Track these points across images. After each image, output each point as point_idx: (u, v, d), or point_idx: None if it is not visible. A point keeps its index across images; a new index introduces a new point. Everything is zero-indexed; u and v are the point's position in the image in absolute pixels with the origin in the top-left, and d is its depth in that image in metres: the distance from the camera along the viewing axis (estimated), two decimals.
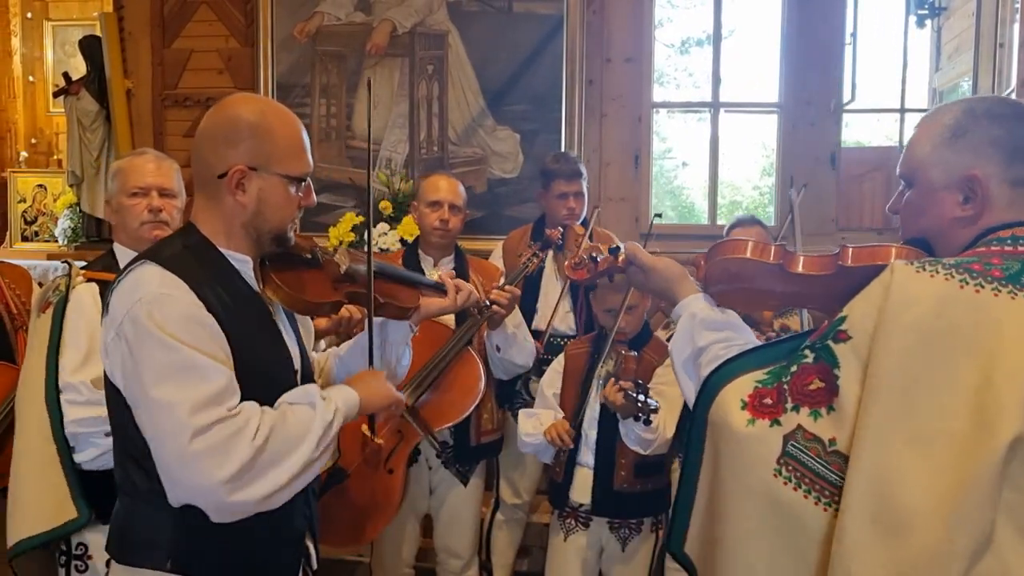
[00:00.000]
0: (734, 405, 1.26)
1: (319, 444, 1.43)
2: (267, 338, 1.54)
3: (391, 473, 2.59)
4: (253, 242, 1.53)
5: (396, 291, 1.77)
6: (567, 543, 2.55)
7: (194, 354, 1.35)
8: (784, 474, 1.19)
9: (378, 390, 1.62)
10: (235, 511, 1.37)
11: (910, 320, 1.13)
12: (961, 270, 1.15)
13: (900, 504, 1.08)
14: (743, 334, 1.48)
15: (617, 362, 2.30)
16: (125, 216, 2.19)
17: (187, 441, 1.31)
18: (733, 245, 1.48)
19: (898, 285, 1.16)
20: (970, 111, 1.28)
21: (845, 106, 4.39)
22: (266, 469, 1.36)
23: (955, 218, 1.28)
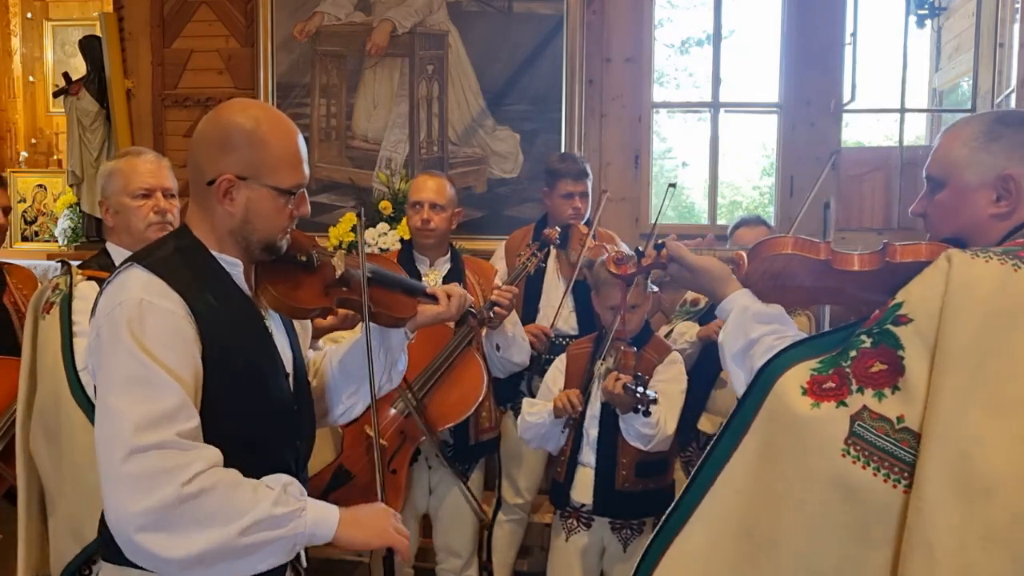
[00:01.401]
0: (794, 392, 1.31)
1: (248, 531, 1.29)
2: (256, 342, 1.52)
3: (394, 473, 2.59)
4: (243, 249, 1.52)
5: (391, 299, 1.74)
6: (568, 543, 2.55)
7: (156, 368, 1.31)
8: (852, 453, 1.25)
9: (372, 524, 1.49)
10: (139, 555, 1.28)
11: (976, 299, 1.21)
12: (1011, 256, 1.25)
13: (982, 471, 1.15)
14: (790, 327, 1.55)
15: (616, 358, 2.30)
16: (130, 217, 2.18)
17: (122, 457, 1.26)
18: (778, 242, 1.54)
19: (959, 269, 1.24)
20: (1003, 118, 1.41)
21: (845, 106, 4.38)
22: (182, 526, 1.25)
23: (990, 215, 1.39)
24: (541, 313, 3.23)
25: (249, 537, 1.30)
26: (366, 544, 1.50)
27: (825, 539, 1.26)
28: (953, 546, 1.15)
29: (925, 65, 5.11)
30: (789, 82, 4.32)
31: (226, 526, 1.28)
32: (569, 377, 2.58)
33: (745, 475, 1.35)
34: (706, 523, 1.39)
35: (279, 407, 1.55)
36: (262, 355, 1.53)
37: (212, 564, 1.29)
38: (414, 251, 2.93)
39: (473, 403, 2.62)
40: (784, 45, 4.33)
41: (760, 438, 1.35)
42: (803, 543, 1.28)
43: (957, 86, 4.91)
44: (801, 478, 1.28)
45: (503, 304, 2.55)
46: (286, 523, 1.35)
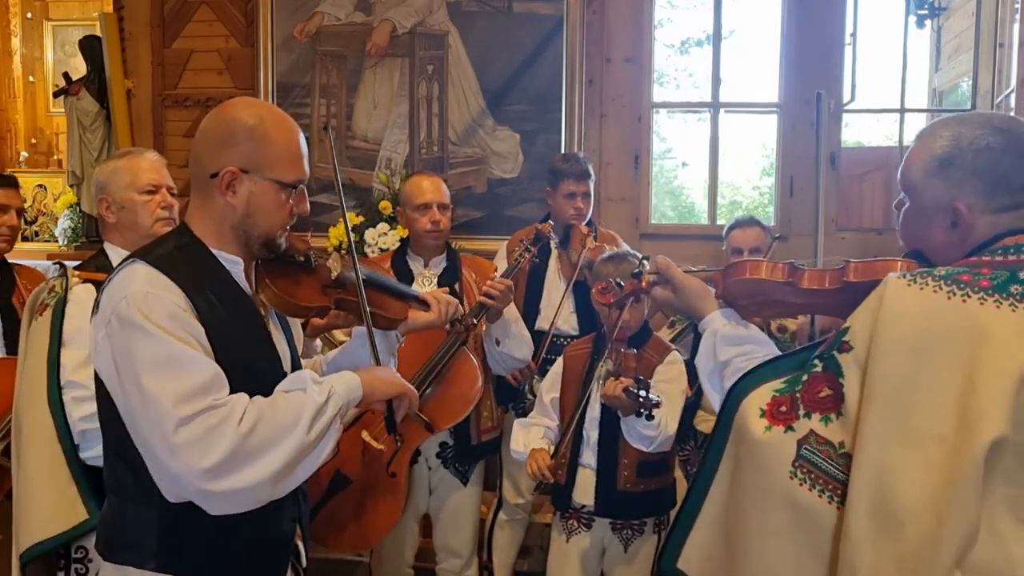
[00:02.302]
0: (754, 413, 1.35)
1: (311, 427, 1.39)
2: (255, 339, 1.55)
3: (393, 477, 2.60)
4: (243, 245, 1.54)
5: (384, 301, 1.79)
6: (569, 544, 2.55)
7: (181, 346, 1.36)
8: (799, 475, 1.29)
9: (384, 377, 1.59)
10: (225, 500, 1.35)
11: (900, 332, 1.21)
12: (950, 281, 1.22)
13: (897, 502, 1.17)
14: (764, 346, 1.58)
15: (616, 361, 2.30)
16: (137, 213, 2.19)
17: (171, 431, 1.30)
18: (745, 267, 1.59)
19: (889, 298, 1.24)
20: (957, 141, 1.34)
21: (845, 106, 4.38)
22: (255, 456, 1.34)
23: (941, 241, 1.36)
24: (542, 313, 3.23)
25: (313, 431, 1.40)
26: (386, 393, 1.58)
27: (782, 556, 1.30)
28: (870, 571, 1.18)
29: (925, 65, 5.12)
30: (789, 82, 4.32)
31: (292, 433, 1.38)
32: (567, 379, 2.58)
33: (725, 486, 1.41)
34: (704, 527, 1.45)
35: None
36: (261, 352, 1.55)
37: (294, 468, 1.38)
38: (409, 252, 2.91)
39: (470, 403, 2.62)
40: (784, 45, 4.33)
41: (730, 457, 1.41)
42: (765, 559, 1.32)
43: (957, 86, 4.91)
44: (759, 497, 1.33)
45: (494, 295, 2.55)
46: (330, 404, 1.44)
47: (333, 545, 2.64)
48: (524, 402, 3.17)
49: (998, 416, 1.13)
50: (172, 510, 1.41)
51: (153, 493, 1.41)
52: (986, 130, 1.33)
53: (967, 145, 1.33)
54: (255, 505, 1.39)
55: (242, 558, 1.52)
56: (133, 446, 1.39)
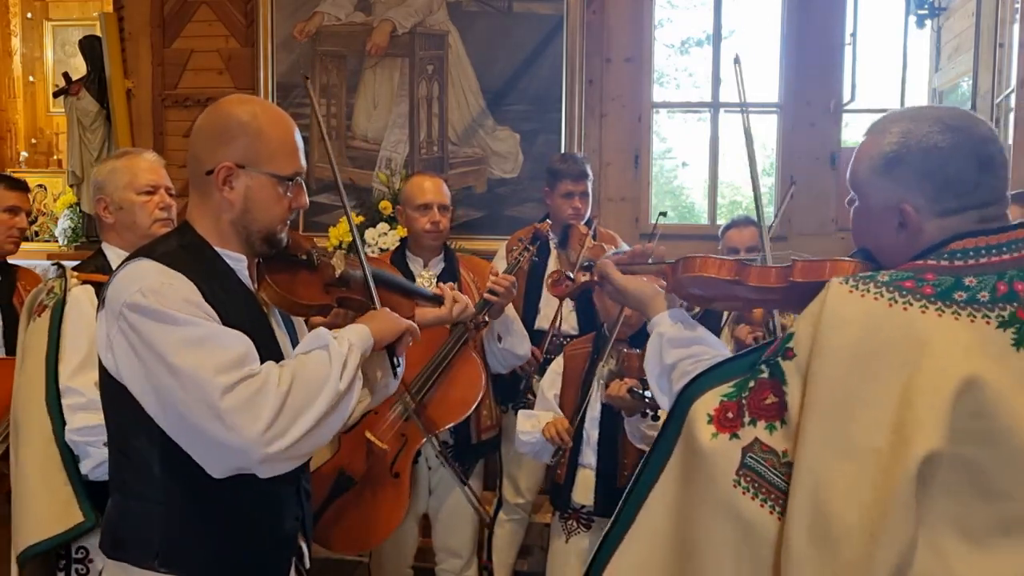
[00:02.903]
0: (701, 420, 1.31)
1: (342, 377, 1.43)
2: (261, 337, 1.53)
3: (397, 477, 2.59)
4: (243, 241, 1.54)
5: (390, 300, 1.76)
6: (569, 544, 2.55)
7: (211, 324, 1.37)
8: (743, 484, 1.24)
9: (388, 321, 1.60)
10: (279, 460, 1.37)
11: (840, 341, 1.17)
12: (892, 288, 1.18)
13: (832, 516, 1.13)
14: (713, 347, 1.54)
15: (619, 360, 2.30)
16: (136, 213, 2.19)
17: (218, 399, 1.31)
18: (695, 263, 1.54)
19: (830, 306, 1.19)
20: (905, 139, 1.28)
21: (845, 106, 4.38)
22: (298, 412, 1.37)
23: (890, 242, 1.31)
24: (541, 313, 3.23)
25: (344, 380, 1.44)
26: (394, 332, 1.60)
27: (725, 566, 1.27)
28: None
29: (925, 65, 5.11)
30: (789, 82, 4.32)
31: (326, 384, 1.41)
32: (567, 379, 2.58)
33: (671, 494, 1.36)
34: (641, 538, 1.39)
35: None
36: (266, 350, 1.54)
37: (330, 416, 1.42)
38: (407, 252, 2.91)
39: (472, 402, 2.62)
40: (784, 45, 4.33)
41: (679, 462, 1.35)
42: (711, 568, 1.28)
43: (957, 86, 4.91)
44: (706, 505, 1.29)
45: (498, 292, 2.55)
46: (351, 354, 1.47)
47: (336, 546, 2.64)
48: (524, 402, 3.16)
49: (932, 430, 1.09)
50: (177, 508, 1.41)
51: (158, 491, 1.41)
52: (936, 127, 1.26)
53: (915, 144, 1.26)
54: (302, 460, 1.45)
55: (245, 556, 1.52)
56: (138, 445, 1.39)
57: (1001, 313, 1.15)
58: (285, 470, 1.40)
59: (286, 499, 1.56)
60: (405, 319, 1.63)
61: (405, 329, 1.62)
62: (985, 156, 1.25)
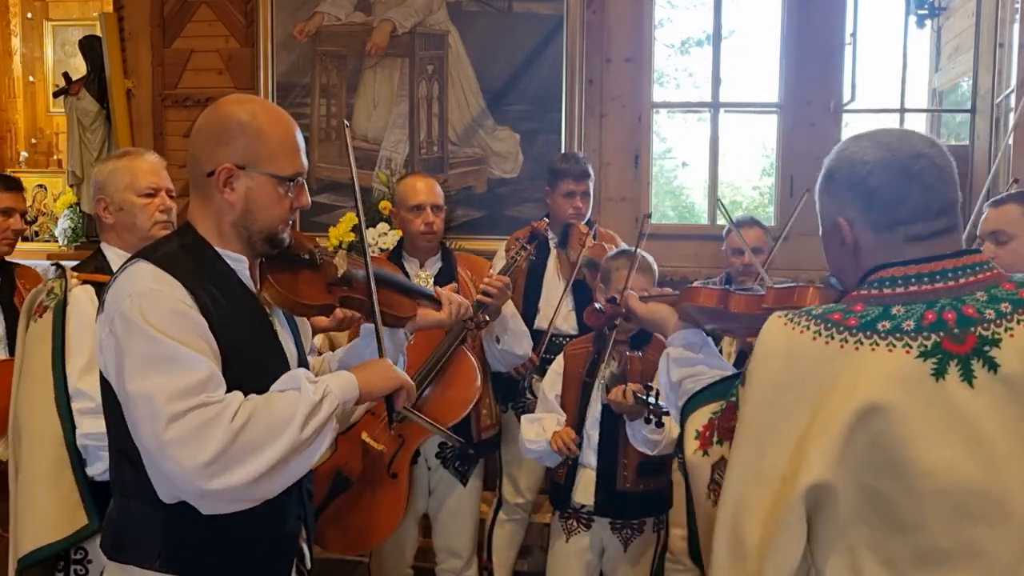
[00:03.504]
0: (690, 436, 1.43)
1: (305, 426, 1.38)
2: (262, 338, 1.54)
3: (395, 477, 2.59)
4: (245, 242, 1.53)
5: (392, 299, 1.77)
6: (569, 544, 2.55)
7: (176, 345, 1.35)
8: (712, 498, 1.35)
9: (381, 373, 1.56)
10: (220, 499, 1.34)
11: (767, 371, 1.23)
12: (820, 321, 1.22)
13: (742, 536, 1.21)
14: (715, 367, 1.62)
15: (622, 363, 2.30)
16: (136, 215, 2.18)
17: (162, 428, 1.30)
18: (691, 293, 1.65)
19: (763, 337, 1.26)
20: (843, 153, 1.32)
21: (845, 106, 4.38)
22: (247, 453, 1.33)
23: (839, 261, 1.35)
24: (541, 313, 3.23)
25: (307, 429, 1.39)
26: (384, 388, 1.56)
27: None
28: None
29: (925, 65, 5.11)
30: (789, 82, 4.32)
31: (286, 430, 1.36)
32: (567, 379, 2.58)
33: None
34: None
35: None
36: (267, 351, 1.55)
37: (287, 465, 1.37)
38: (404, 253, 2.91)
39: (469, 402, 2.62)
40: (784, 45, 4.33)
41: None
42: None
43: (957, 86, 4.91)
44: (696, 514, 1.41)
45: (491, 293, 2.54)
46: (325, 403, 1.43)
47: (335, 547, 2.64)
48: (524, 401, 3.17)
49: (819, 461, 1.14)
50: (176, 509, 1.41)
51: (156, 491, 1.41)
52: (868, 144, 1.29)
53: (846, 159, 1.30)
54: (250, 504, 1.38)
55: (247, 557, 1.52)
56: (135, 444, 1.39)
57: (924, 343, 1.16)
58: (229, 510, 1.37)
59: (287, 499, 1.56)
60: (401, 375, 1.60)
61: (400, 385, 1.58)
62: (914, 170, 1.24)
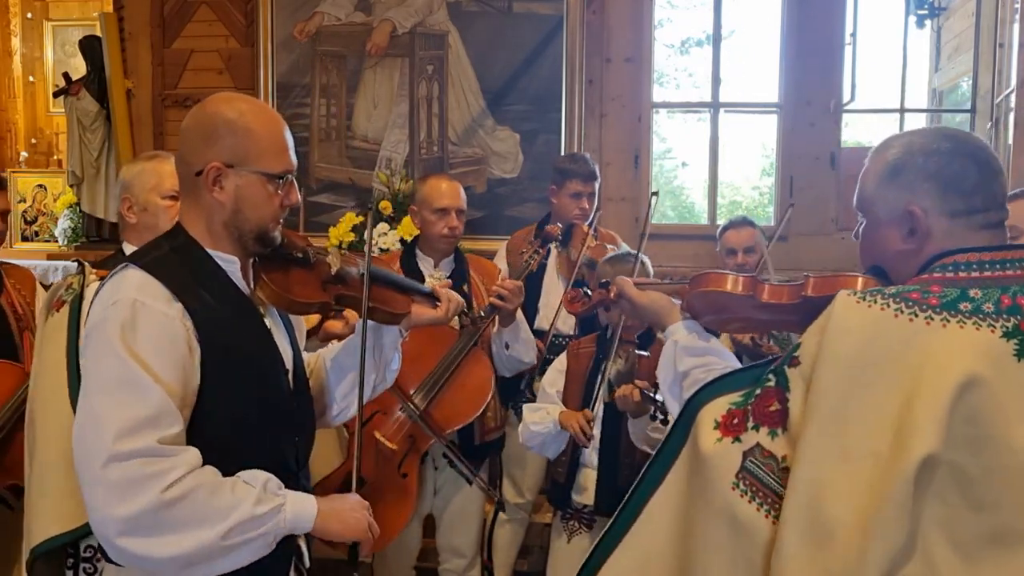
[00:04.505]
0: (708, 425, 1.35)
1: (231, 532, 1.32)
2: (255, 338, 1.53)
3: (405, 477, 2.59)
4: (236, 241, 1.52)
5: (387, 296, 1.75)
6: (571, 545, 2.54)
7: (140, 372, 1.32)
8: (741, 487, 1.28)
9: (345, 516, 1.52)
10: (124, 556, 1.31)
11: (845, 348, 1.21)
12: (899, 299, 1.22)
13: (828, 516, 1.16)
14: (725, 358, 1.59)
15: (629, 362, 2.30)
16: (158, 217, 2.19)
17: (101, 463, 1.27)
18: (709, 278, 1.58)
19: (837, 315, 1.23)
20: (909, 146, 1.35)
21: (845, 106, 4.39)
22: (165, 529, 1.28)
23: (899, 251, 1.36)
24: (541, 313, 3.23)
25: (231, 539, 1.33)
26: (340, 536, 1.53)
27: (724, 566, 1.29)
28: None
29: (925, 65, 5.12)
30: (789, 82, 4.32)
31: (209, 529, 1.31)
32: (570, 378, 2.57)
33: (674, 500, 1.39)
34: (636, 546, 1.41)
35: (279, 404, 1.56)
36: (261, 352, 1.54)
37: (195, 564, 1.32)
38: (418, 252, 2.90)
39: (483, 403, 2.62)
40: (784, 45, 4.33)
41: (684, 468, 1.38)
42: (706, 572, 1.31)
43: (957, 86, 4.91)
44: (704, 509, 1.32)
45: (506, 297, 2.54)
46: (267, 521, 1.38)
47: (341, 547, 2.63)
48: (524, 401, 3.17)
49: (931, 432, 1.12)
50: None
51: None
52: (935, 135, 1.35)
53: (918, 150, 1.33)
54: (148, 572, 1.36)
55: None
56: None
57: (1005, 324, 1.18)
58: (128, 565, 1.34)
59: None
60: (363, 525, 1.55)
61: (358, 537, 1.55)
62: (982, 159, 1.31)
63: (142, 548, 1.28)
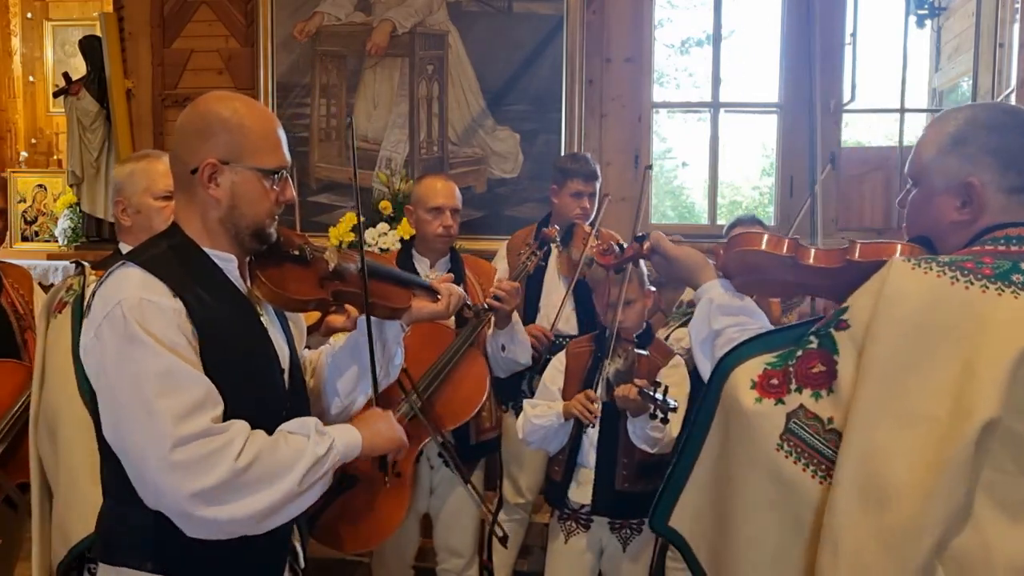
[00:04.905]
0: (744, 384, 1.36)
1: (305, 478, 1.41)
2: (251, 338, 1.54)
3: (399, 476, 2.59)
4: (233, 239, 1.53)
5: (386, 291, 1.76)
6: (568, 545, 2.54)
7: (176, 360, 1.35)
8: (785, 448, 1.30)
9: (383, 432, 1.60)
10: (203, 526, 1.36)
11: (902, 313, 1.22)
12: (954, 268, 1.24)
13: (885, 479, 1.18)
14: (758, 319, 1.59)
15: (628, 360, 2.29)
16: (152, 218, 2.19)
17: (168, 451, 1.31)
18: (749, 238, 1.57)
19: (893, 280, 1.25)
20: (973, 119, 1.38)
21: (845, 106, 4.38)
22: (244, 492, 1.35)
23: (952, 221, 1.38)
24: (541, 312, 3.23)
25: (305, 481, 1.42)
26: (384, 449, 1.62)
27: (764, 527, 1.32)
28: (852, 547, 1.19)
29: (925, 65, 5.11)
30: (789, 82, 4.32)
31: (284, 479, 1.39)
32: (569, 376, 2.57)
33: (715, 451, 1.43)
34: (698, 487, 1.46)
35: (275, 403, 1.56)
36: (257, 351, 1.54)
37: (279, 512, 1.40)
38: (414, 251, 2.91)
39: (478, 402, 2.62)
40: (784, 45, 4.33)
41: (720, 425, 1.42)
42: (748, 528, 1.34)
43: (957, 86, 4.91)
44: (746, 468, 1.34)
45: (503, 298, 2.54)
46: (328, 459, 1.46)
47: (337, 544, 2.64)
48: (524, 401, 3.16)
49: (993, 398, 1.14)
50: None
51: None
52: (998, 111, 1.39)
53: (983, 123, 1.36)
54: (230, 536, 1.39)
55: (238, 560, 1.51)
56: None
57: None
58: (208, 537, 1.38)
59: None
60: (399, 433, 1.63)
61: (399, 447, 1.64)
62: None
63: (227, 513, 1.34)
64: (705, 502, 1.44)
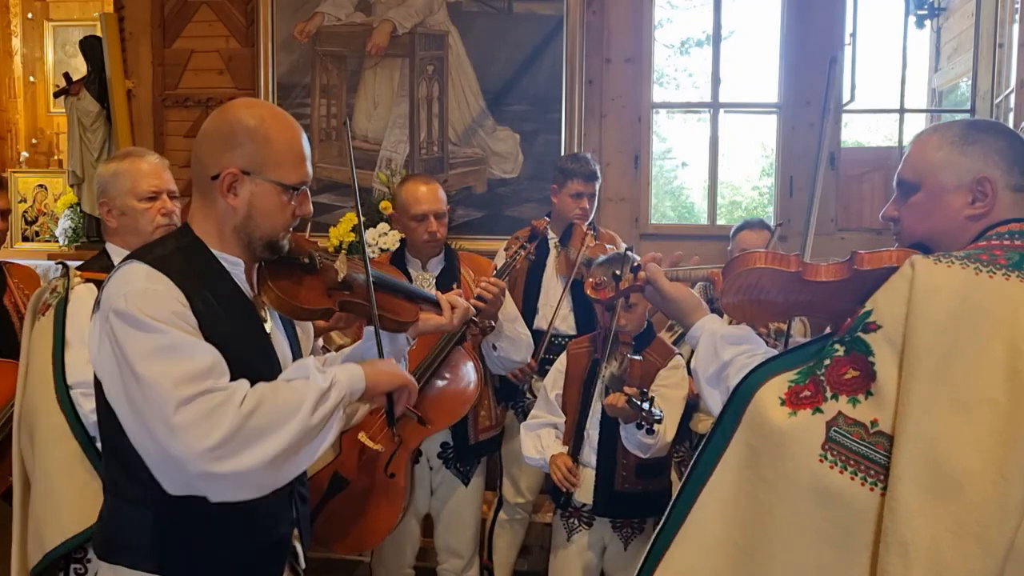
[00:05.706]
0: (772, 402, 1.34)
1: (314, 411, 1.37)
2: (254, 342, 1.53)
3: (392, 478, 2.59)
4: (244, 246, 1.53)
5: (393, 304, 1.74)
6: (570, 543, 2.55)
7: (179, 334, 1.35)
8: (829, 458, 1.27)
9: (386, 369, 1.56)
10: (228, 483, 1.32)
11: (937, 305, 1.25)
12: (972, 260, 1.29)
13: (951, 466, 1.18)
14: (760, 345, 1.60)
15: (622, 364, 2.30)
16: (137, 219, 2.18)
17: (171, 412, 1.28)
18: (751, 257, 1.56)
19: (921, 275, 1.28)
20: (975, 124, 1.46)
21: (845, 106, 4.39)
22: (257, 437, 1.32)
23: (967, 216, 1.41)
24: (540, 313, 3.23)
25: (317, 415, 1.38)
26: (389, 385, 1.55)
27: (805, 545, 1.28)
28: (926, 543, 1.17)
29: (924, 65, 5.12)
30: (788, 82, 4.32)
31: (293, 417, 1.35)
32: (569, 378, 2.58)
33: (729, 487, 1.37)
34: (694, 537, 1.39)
35: None
36: (258, 356, 1.54)
37: (297, 451, 1.36)
38: (406, 253, 2.89)
39: (468, 402, 2.61)
40: (784, 45, 4.33)
41: (741, 450, 1.37)
42: (785, 550, 1.29)
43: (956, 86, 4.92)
44: (781, 485, 1.30)
45: (487, 299, 2.52)
46: (332, 392, 1.42)
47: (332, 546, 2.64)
48: (524, 401, 3.17)
49: None
50: (168, 511, 1.41)
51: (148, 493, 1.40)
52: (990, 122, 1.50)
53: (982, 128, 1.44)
54: (259, 491, 1.36)
55: (238, 559, 1.51)
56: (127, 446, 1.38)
57: None
58: (236, 497, 1.35)
59: (279, 504, 1.55)
60: (406, 374, 1.59)
61: (404, 384, 1.58)
62: None
63: (244, 463, 1.30)
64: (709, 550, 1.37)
